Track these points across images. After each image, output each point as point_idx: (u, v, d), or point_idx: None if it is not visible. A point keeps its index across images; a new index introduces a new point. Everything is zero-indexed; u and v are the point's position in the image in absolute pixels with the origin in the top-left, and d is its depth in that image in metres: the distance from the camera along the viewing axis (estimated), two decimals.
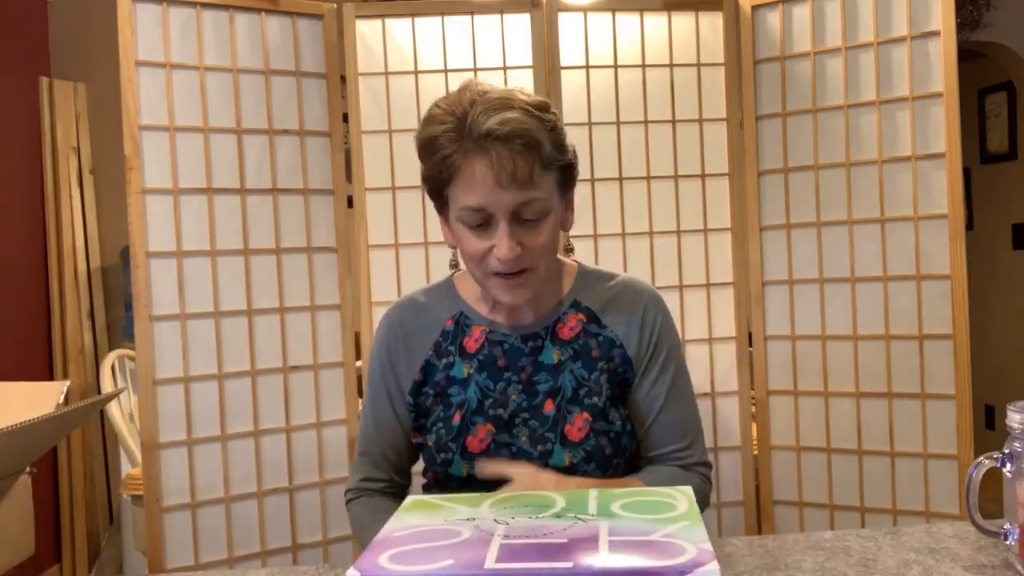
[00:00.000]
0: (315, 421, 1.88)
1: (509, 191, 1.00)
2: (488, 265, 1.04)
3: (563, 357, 1.12)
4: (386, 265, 1.94)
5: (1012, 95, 3.99)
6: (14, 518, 1.64)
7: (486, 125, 0.99)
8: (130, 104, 1.72)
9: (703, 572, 0.63)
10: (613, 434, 1.10)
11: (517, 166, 0.99)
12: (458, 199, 1.04)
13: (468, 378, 1.13)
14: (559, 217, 1.09)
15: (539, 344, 1.13)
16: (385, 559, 0.69)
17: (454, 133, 1.02)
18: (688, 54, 2.00)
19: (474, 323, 1.16)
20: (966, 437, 1.78)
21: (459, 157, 1.01)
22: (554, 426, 1.09)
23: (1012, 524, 0.79)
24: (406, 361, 1.17)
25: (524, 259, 1.03)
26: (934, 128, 1.80)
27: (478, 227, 1.03)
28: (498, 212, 1.01)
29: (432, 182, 1.08)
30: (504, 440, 1.09)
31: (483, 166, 1.00)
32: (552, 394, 1.10)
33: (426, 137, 1.06)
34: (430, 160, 1.06)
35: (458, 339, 1.15)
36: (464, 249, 1.06)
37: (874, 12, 1.85)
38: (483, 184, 1.00)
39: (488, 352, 1.13)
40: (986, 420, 4.15)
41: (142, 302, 1.73)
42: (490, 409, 1.10)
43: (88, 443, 3.04)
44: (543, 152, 1.02)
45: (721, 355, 1.98)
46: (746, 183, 1.98)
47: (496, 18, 1.95)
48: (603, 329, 1.14)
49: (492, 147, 0.99)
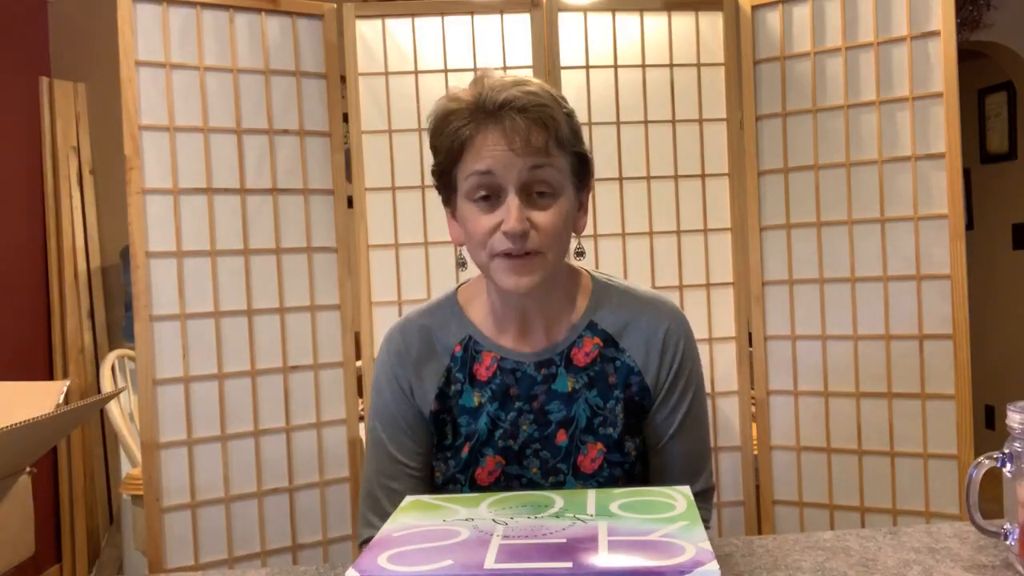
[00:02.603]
0: (315, 421, 1.88)
1: (521, 158, 0.96)
2: (494, 244, 0.98)
3: (578, 385, 1.06)
4: (386, 265, 1.94)
5: (1012, 95, 3.99)
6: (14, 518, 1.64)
7: (503, 96, 0.96)
8: (130, 104, 1.72)
9: (703, 572, 0.63)
10: (627, 465, 1.06)
11: (532, 134, 0.96)
12: (467, 169, 0.99)
13: (479, 408, 1.07)
14: (572, 206, 1.03)
15: (553, 372, 1.07)
16: (384, 559, 0.69)
17: (469, 108, 0.99)
18: (688, 54, 2.00)
19: (484, 349, 1.08)
20: (966, 437, 1.78)
21: (472, 128, 0.98)
22: (566, 457, 1.05)
23: (1012, 524, 0.79)
24: (420, 391, 1.10)
25: (532, 239, 0.97)
26: (934, 128, 1.80)
27: (485, 201, 0.98)
28: (507, 181, 0.97)
29: (442, 164, 1.03)
30: (514, 472, 1.05)
31: (496, 133, 0.96)
32: (565, 424, 1.05)
33: (440, 113, 1.01)
34: (441, 136, 1.01)
35: (467, 366, 1.08)
36: (470, 231, 1.00)
37: (874, 12, 1.85)
38: (495, 148, 0.96)
39: (501, 381, 1.07)
40: (986, 420, 4.15)
41: (142, 302, 1.73)
42: (500, 440, 1.05)
43: (88, 443, 3.05)
44: (559, 130, 0.99)
45: (721, 355, 1.98)
46: (746, 183, 1.98)
47: (496, 18, 1.95)
48: (620, 354, 1.08)
49: (507, 116, 0.96)
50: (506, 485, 1.05)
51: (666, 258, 1.99)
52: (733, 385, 1.98)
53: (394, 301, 1.93)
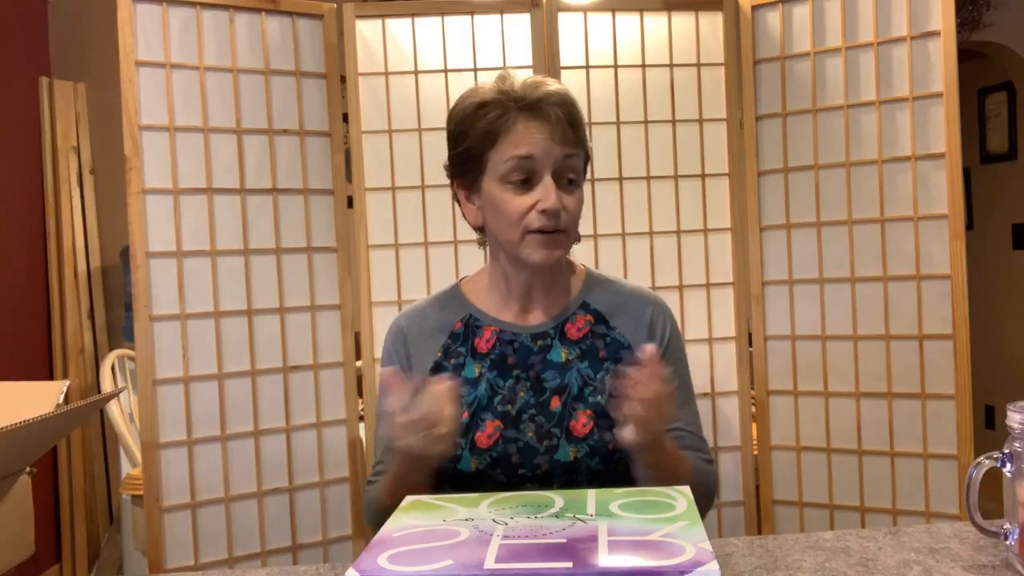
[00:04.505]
0: (315, 421, 1.88)
1: (560, 146, 1.06)
2: (528, 222, 1.08)
3: (570, 356, 1.15)
4: (386, 265, 1.94)
5: (1012, 95, 3.99)
6: (14, 518, 1.63)
7: (541, 90, 1.08)
8: (130, 104, 1.72)
9: (703, 572, 0.63)
10: (615, 429, 1.10)
11: (567, 127, 1.07)
12: (505, 153, 1.07)
13: (479, 377, 1.15)
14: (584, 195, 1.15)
15: (548, 343, 1.15)
16: (384, 559, 0.69)
17: (505, 99, 1.08)
18: (688, 54, 2.00)
19: (484, 324, 1.18)
20: (966, 437, 1.78)
21: (513, 115, 1.07)
22: (559, 422, 1.11)
23: (1012, 524, 0.79)
24: (419, 364, 1.18)
25: (563, 219, 1.08)
26: (934, 128, 1.80)
27: (522, 184, 1.07)
28: (544, 166, 1.06)
29: (473, 147, 1.10)
30: (511, 435, 1.11)
31: (538, 121, 1.06)
32: (559, 391, 1.13)
33: (472, 102, 1.10)
34: (474, 122, 1.09)
35: (469, 340, 1.17)
36: (506, 211, 1.09)
37: (874, 12, 1.85)
38: (538, 134, 1.06)
39: (500, 351, 1.16)
40: (986, 420, 4.15)
41: (142, 302, 1.73)
42: (498, 405, 1.13)
43: (88, 443, 3.04)
44: (582, 129, 1.11)
45: (721, 355, 1.98)
46: (746, 183, 1.98)
47: (496, 18, 1.95)
48: (611, 331, 1.17)
49: (550, 108, 1.07)
50: (503, 448, 1.10)
51: (666, 258, 1.99)
52: (733, 385, 1.98)
53: (394, 301, 1.93)
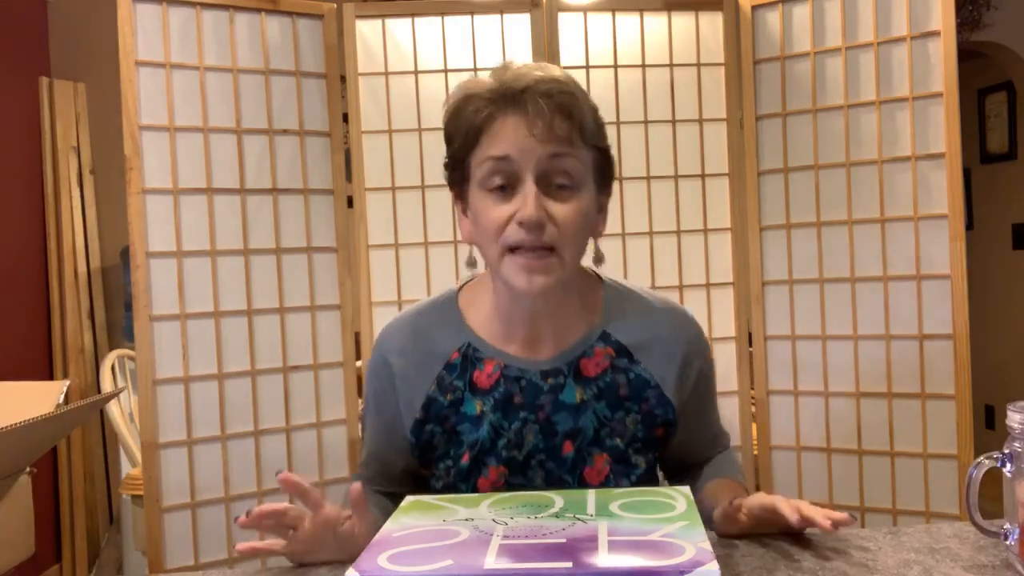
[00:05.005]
0: (315, 421, 1.88)
1: (542, 144, 0.90)
2: (508, 237, 0.92)
3: (586, 396, 1.01)
4: (386, 265, 1.94)
5: (1012, 95, 3.99)
6: (14, 518, 1.63)
7: (526, 80, 0.92)
8: (130, 104, 1.72)
9: (703, 572, 0.63)
10: (635, 477, 1.03)
11: (555, 121, 0.91)
12: (482, 153, 0.93)
13: (481, 416, 1.01)
14: (592, 205, 0.98)
15: (560, 382, 1.01)
16: (384, 559, 0.69)
17: (490, 92, 0.93)
18: (688, 54, 2.00)
19: (486, 356, 1.02)
20: (966, 437, 1.78)
21: (493, 110, 0.92)
22: (572, 469, 1.01)
23: (1012, 524, 0.79)
24: (406, 396, 1.04)
25: (549, 233, 0.91)
26: (934, 128, 1.80)
27: (501, 191, 0.92)
28: (525, 168, 0.91)
29: (456, 152, 0.97)
30: (518, 482, 1.01)
31: (517, 116, 0.91)
32: (572, 435, 1.01)
33: (458, 98, 0.96)
34: (457, 121, 0.95)
35: (467, 373, 1.02)
36: (483, 223, 0.94)
37: (874, 12, 1.85)
38: (514, 132, 0.91)
39: (504, 389, 1.01)
40: (986, 420, 4.15)
41: (142, 302, 1.72)
42: (503, 450, 1.01)
43: (88, 443, 3.04)
44: (584, 121, 0.94)
45: (721, 355, 1.98)
46: (746, 183, 1.98)
47: (496, 18, 1.95)
48: (634, 365, 1.03)
49: (530, 99, 0.91)
50: None
51: (666, 258, 1.99)
52: (733, 385, 1.98)
53: (394, 301, 1.93)
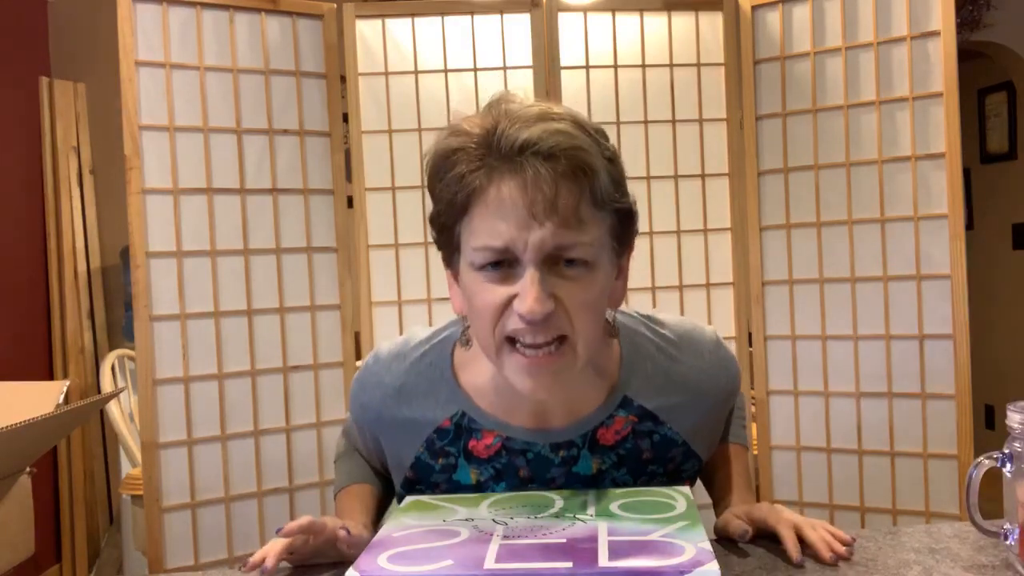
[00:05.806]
0: (315, 421, 1.88)
1: (545, 227, 0.73)
2: (507, 325, 0.76)
3: (604, 466, 0.89)
4: (386, 265, 1.94)
5: (1012, 95, 3.99)
6: (14, 518, 1.63)
7: (523, 136, 0.74)
8: (130, 104, 1.72)
9: (703, 572, 0.63)
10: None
11: (560, 194, 0.73)
12: (473, 235, 0.76)
13: (480, 485, 0.90)
14: (609, 276, 0.80)
15: (574, 454, 0.88)
16: (384, 559, 0.69)
17: (478, 148, 0.76)
18: (688, 54, 2.00)
19: (485, 428, 0.89)
20: (966, 437, 1.78)
21: (481, 176, 0.75)
22: None
23: (1012, 524, 0.79)
24: (393, 451, 0.94)
25: (556, 322, 0.75)
26: (934, 128, 1.80)
27: (496, 269, 0.76)
28: (526, 253, 0.74)
29: (442, 215, 0.80)
30: None
31: (513, 188, 0.73)
32: None
33: (440, 151, 0.78)
34: (441, 182, 0.78)
35: (461, 441, 0.89)
36: (476, 307, 0.77)
37: (874, 12, 1.85)
38: (511, 213, 0.73)
39: (507, 461, 0.88)
40: (986, 420, 4.15)
41: (142, 302, 1.72)
42: None
43: (88, 443, 3.04)
44: (597, 182, 0.76)
45: None
46: (746, 183, 1.98)
47: (496, 18, 1.95)
48: (660, 427, 0.90)
49: (528, 164, 0.73)
50: None
51: (666, 258, 1.99)
52: None
53: (394, 301, 1.93)
